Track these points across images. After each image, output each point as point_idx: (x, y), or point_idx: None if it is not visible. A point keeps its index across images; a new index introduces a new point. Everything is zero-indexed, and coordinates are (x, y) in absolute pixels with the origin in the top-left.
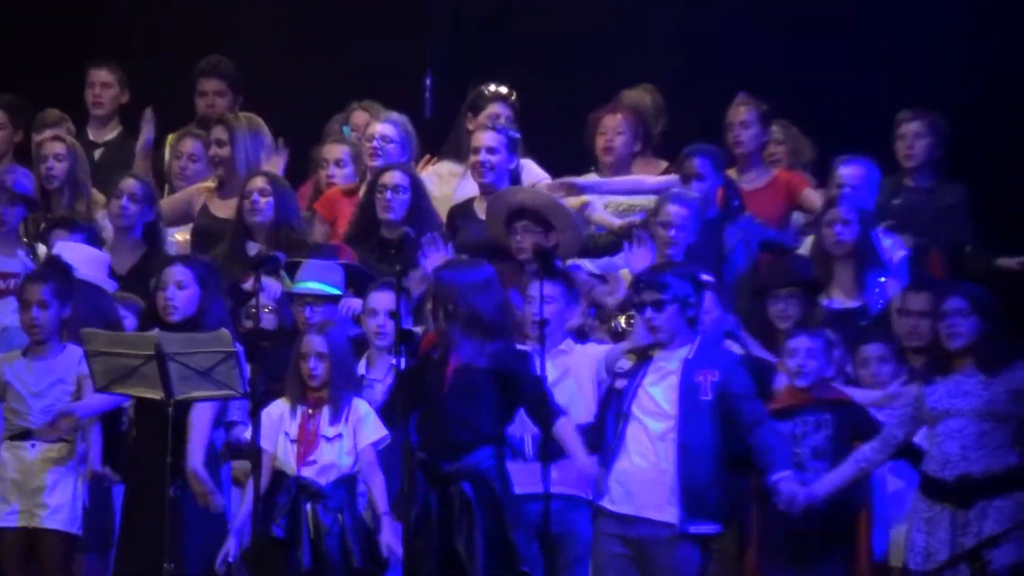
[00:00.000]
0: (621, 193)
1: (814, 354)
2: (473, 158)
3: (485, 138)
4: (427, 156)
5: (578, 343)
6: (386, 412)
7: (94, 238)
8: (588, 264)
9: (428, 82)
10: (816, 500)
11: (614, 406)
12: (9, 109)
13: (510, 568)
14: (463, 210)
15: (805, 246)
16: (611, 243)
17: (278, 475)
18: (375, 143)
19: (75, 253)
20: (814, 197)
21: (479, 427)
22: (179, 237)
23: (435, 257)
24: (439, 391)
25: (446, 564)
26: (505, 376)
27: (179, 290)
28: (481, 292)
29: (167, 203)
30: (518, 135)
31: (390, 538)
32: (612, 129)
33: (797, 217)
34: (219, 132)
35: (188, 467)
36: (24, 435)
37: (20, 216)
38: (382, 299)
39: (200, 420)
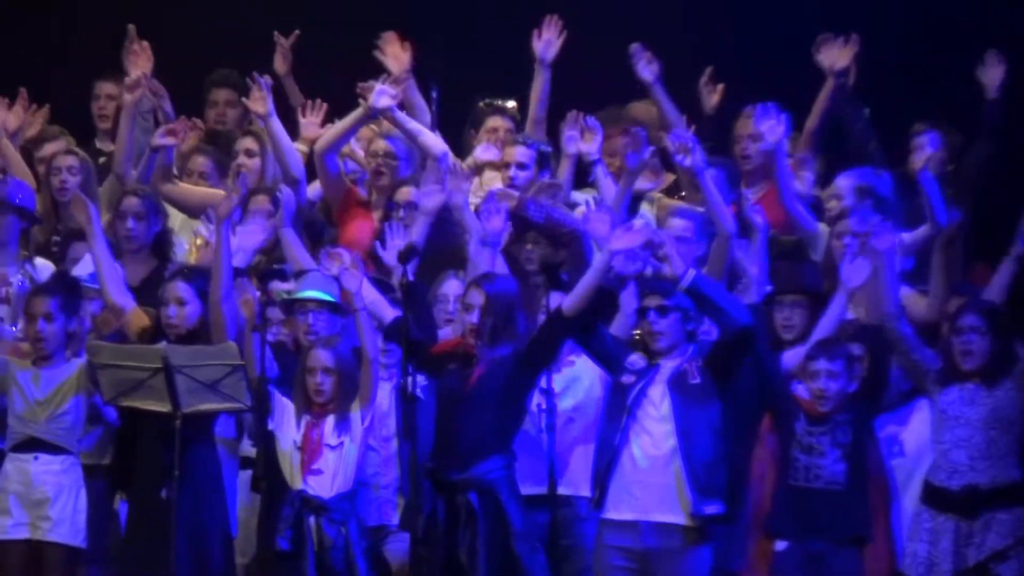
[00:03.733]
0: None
1: (835, 376)
2: (504, 173)
3: (517, 153)
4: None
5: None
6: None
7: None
8: None
9: (435, 95)
10: None
11: (618, 401)
12: None
13: None
14: None
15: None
16: None
17: (282, 487)
18: (380, 160)
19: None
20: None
21: (490, 437)
22: (204, 232)
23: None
24: (456, 400)
25: (449, 574)
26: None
27: (180, 307)
28: (520, 308)
29: (198, 194)
30: (549, 149)
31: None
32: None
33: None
34: (249, 143)
35: None
36: (29, 444)
37: (16, 228)
38: (452, 287)
39: None
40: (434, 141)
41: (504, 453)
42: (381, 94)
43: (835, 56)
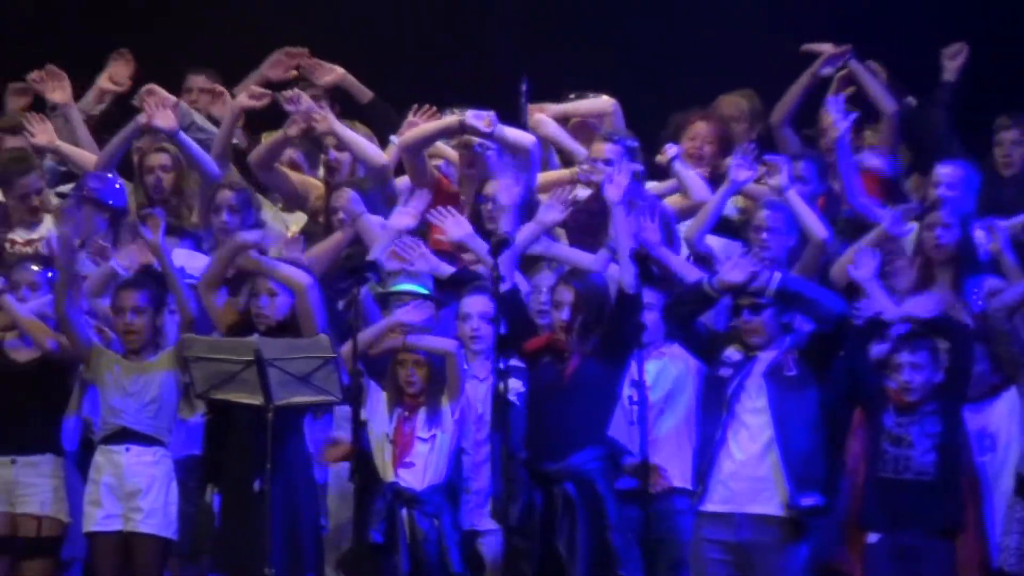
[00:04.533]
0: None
1: (919, 368)
2: (588, 167)
3: (604, 150)
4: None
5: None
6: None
7: (201, 245)
8: (715, 241)
9: (524, 88)
10: None
11: (715, 395)
12: None
13: (610, 571)
14: None
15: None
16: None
17: (374, 480)
18: (470, 152)
19: (190, 261)
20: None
21: (586, 428)
22: (294, 228)
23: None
24: (551, 392)
25: (547, 565)
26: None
27: (271, 297)
28: (609, 303)
29: (295, 180)
30: (636, 143)
31: None
32: (702, 136)
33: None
34: None
35: None
36: (120, 436)
37: (102, 224)
38: (476, 303)
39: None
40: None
41: (599, 444)
42: (478, 117)
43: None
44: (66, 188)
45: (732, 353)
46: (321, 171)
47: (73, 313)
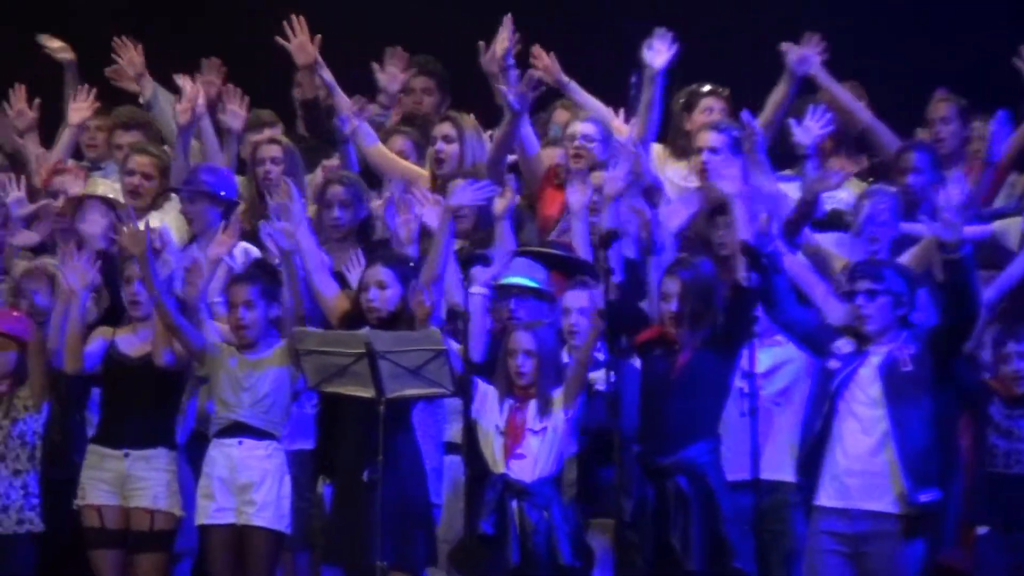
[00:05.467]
0: None
1: None
2: (696, 158)
3: (709, 139)
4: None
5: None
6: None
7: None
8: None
9: (634, 80)
10: None
11: (823, 386)
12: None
13: (724, 563)
14: None
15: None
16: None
17: (484, 471)
18: (578, 143)
19: None
20: None
21: (698, 421)
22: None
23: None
24: (663, 385)
25: (660, 558)
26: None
27: (381, 290)
28: (718, 291)
29: (401, 167)
30: (742, 133)
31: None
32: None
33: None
34: (446, 128)
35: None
36: (234, 429)
37: (210, 213)
38: (576, 298)
39: None
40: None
41: (711, 437)
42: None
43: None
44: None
45: (842, 344)
46: (427, 164)
47: (181, 320)
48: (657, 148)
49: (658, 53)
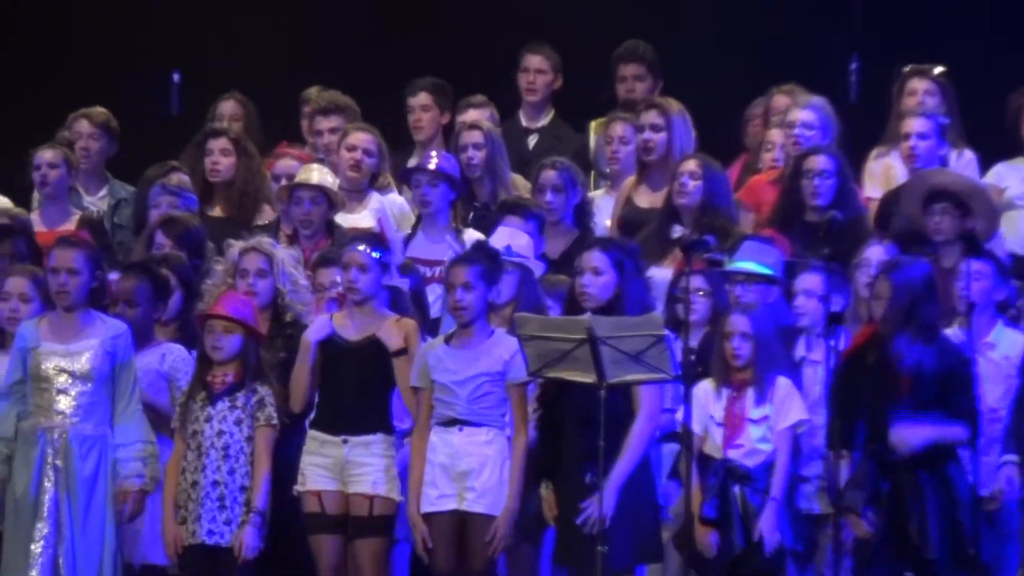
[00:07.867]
0: None
1: None
2: (904, 144)
3: (915, 124)
4: None
5: (1008, 326)
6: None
7: (543, 224)
8: None
9: (854, 66)
10: None
11: None
12: (434, 91)
13: (960, 549)
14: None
15: None
16: None
17: (705, 457)
18: (796, 131)
19: (514, 238)
20: None
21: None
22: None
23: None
24: (890, 395)
25: (897, 549)
26: (949, 379)
27: (595, 276)
28: (931, 294)
29: None
30: (948, 120)
31: (765, 525)
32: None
33: None
34: (653, 116)
35: None
36: (453, 423)
37: (447, 198)
38: (806, 280)
39: None
40: None
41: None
42: None
43: None
44: None
45: None
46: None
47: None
48: None
49: None
